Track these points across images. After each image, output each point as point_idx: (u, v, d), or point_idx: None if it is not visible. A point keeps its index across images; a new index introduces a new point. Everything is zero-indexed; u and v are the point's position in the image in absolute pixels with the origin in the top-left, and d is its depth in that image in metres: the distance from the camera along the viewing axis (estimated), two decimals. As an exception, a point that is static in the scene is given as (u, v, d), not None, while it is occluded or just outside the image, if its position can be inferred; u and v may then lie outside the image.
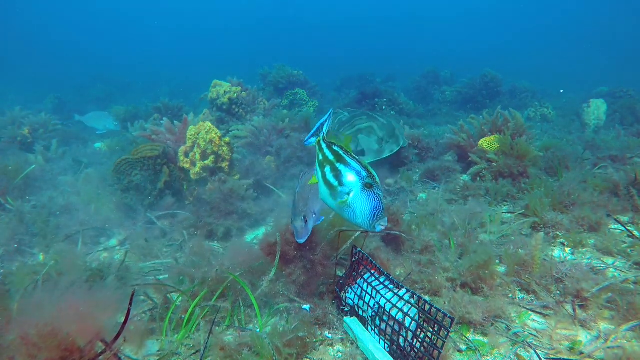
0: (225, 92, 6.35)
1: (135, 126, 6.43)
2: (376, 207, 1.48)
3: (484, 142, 4.24)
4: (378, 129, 4.51)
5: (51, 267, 2.44)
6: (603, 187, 3.38)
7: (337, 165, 1.56)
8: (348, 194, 1.50)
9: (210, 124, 3.68)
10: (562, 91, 9.96)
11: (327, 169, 1.60)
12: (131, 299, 1.59)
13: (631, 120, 7.55)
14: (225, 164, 3.75)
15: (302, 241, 1.88)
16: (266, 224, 3.59)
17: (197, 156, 3.63)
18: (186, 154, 3.70)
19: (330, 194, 1.58)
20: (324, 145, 1.68)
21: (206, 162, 3.62)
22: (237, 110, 6.51)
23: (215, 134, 3.65)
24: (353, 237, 2.52)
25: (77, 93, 12.52)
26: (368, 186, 1.49)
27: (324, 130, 1.73)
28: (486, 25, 48.12)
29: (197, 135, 3.63)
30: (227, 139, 3.81)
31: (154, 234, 3.39)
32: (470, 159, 4.34)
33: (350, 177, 1.51)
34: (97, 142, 6.58)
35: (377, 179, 1.52)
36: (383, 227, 1.48)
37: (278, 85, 8.68)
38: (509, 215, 3.32)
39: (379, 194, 1.49)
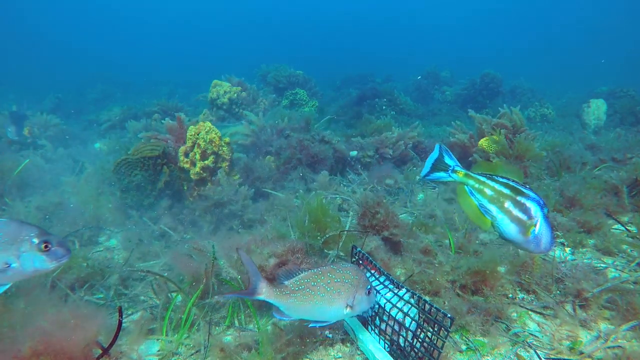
0: (225, 92, 6.35)
1: (130, 123, 6.43)
2: (553, 229, 1.45)
3: (484, 142, 4.24)
4: None
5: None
6: (602, 187, 3.38)
7: (519, 198, 1.45)
8: (535, 225, 1.44)
9: (210, 124, 3.68)
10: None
11: (510, 204, 1.47)
12: (120, 312, 1.57)
13: (631, 120, 7.55)
14: (225, 164, 3.75)
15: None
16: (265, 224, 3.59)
17: (197, 156, 3.63)
18: (186, 154, 3.69)
19: (519, 231, 1.46)
20: (483, 179, 1.52)
21: (206, 162, 3.61)
22: (237, 110, 6.51)
23: (215, 134, 3.65)
24: (343, 236, 2.51)
25: (76, 92, 12.51)
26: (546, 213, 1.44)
27: (454, 163, 1.57)
28: (486, 26, 48.13)
29: (197, 135, 3.62)
30: (227, 139, 3.80)
31: (154, 235, 3.39)
32: (470, 159, 4.34)
33: (534, 209, 1.44)
34: (97, 142, 6.58)
35: None
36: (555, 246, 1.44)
37: (278, 85, 8.68)
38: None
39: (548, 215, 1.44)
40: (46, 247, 1.39)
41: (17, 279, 1.41)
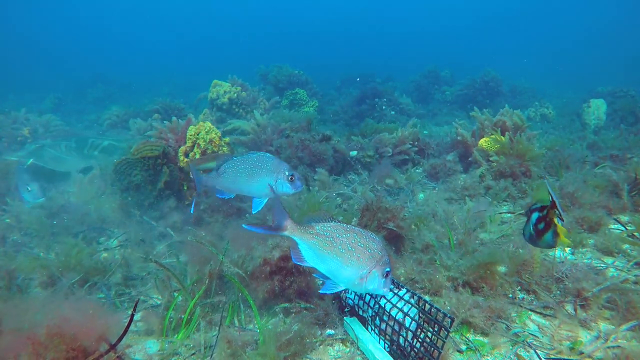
0: (225, 92, 6.35)
1: (132, 122, 6.44)
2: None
3: (484, 142, 4.25)
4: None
5: (58, 263, 2.47)
6: (603, 186, 3.38)
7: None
8: None
9: (210, 124, 3.69)
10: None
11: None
12: (135, 306, 1.60)
13: (631, 120, 7.56)
14: (225, 164, 3.75)
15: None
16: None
17: (197, 156, 3.63)
18: (186, 154, 3.69)
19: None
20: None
21: (206, 162, 3.62)
22: (237, 110, 6.51)
23: (215, 134, 3.66)
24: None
25: (77, 93, 12.52)
26: None
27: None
28: (487, 26, 48.13)
29: (197, 135, 3.63)
30: (227, 139, 3.81)
31: (154, 234, 3.39)
32: (470, 158, 4.35)
33: None
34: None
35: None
36: None
37: (278, 85, 8.69)
38: (509, 215, 3.32)
39: None
40: (291, 179, 1.95)
41: (270, 196, 1.99)
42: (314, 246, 1.56)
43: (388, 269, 1.51)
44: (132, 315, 1.58)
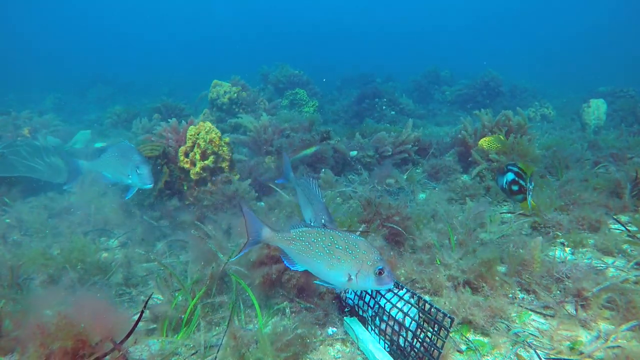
0: (225, 92, 6.36)
1: (136, 122, 6.43)
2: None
3: (484, 142, 4.24)
4: None
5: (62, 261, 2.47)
6: (603, 186, 3.38)
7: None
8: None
9: (210, 124, 3.69)
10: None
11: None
12: (146, 303, 1.62)
13: (631, 120, 7.56)
14: (225, 164, 3.75)
15: None
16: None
17: (197, 156, 3.63)
18: (186, 154, 3.70)
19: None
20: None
21: (206, 162, 3.62)
22: (237, 110, 6.52)
23: (215, 134, 3.66)
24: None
25: (77, 93, 12.53)
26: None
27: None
28: (487, 26, 48.11)
29: (197, 135, 3.63)
30: (227, 139, 3.81)
31: (155, 234, 3.39)
32: (470, 158, 4.34)
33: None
34: (98, 142, 6.58)
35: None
36: None
37: (278, 85, 8.69)
38: (509, 215, 3.32)
39: None
40: (326, 222, 2.05)
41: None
42: (293, 252, 1.61)
43: (380, 267, 1.49)
44: (142, 312, 1.59)
